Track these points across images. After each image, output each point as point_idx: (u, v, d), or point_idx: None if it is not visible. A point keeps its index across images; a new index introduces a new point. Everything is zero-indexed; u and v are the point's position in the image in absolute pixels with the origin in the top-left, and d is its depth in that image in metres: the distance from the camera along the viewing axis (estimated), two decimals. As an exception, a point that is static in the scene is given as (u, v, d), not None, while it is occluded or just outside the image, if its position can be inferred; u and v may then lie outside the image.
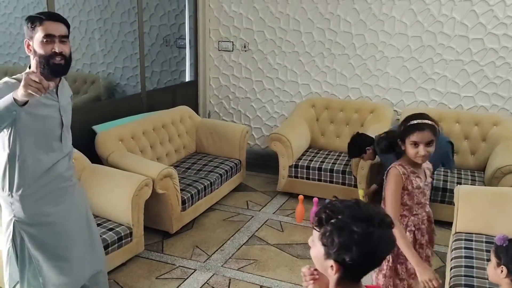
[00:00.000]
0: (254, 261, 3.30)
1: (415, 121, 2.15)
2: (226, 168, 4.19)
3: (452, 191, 3.65)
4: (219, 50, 5.19)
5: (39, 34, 1.90)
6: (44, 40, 1.90)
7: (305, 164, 4.24)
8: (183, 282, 3.03)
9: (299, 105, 4.86)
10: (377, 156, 3.64)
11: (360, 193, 3.78)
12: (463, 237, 2.84)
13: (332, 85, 4.81)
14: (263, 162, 5.06)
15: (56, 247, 2.14)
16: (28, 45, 1.95)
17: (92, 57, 4.99)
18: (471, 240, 2.79)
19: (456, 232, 3.00)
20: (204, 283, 3.02)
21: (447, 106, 4.44)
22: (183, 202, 3.56)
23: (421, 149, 2.11)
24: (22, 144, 1.96)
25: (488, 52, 4.19)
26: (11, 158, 1.98)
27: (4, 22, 5.01)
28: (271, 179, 4.76)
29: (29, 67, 1.98)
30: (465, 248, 2.71)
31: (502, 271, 1.80)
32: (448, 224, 3.62)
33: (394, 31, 4.45)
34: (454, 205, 3.25)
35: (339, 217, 1.18)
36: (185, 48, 5.21)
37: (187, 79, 5.28)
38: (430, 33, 4.33)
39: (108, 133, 3.64)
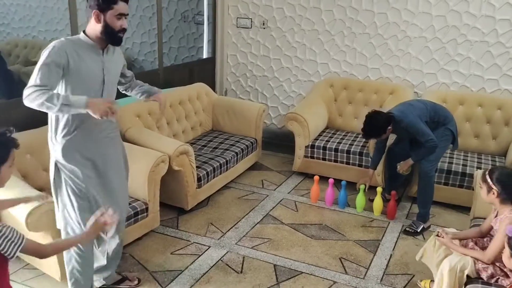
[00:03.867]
0: (268, 240, 3.31)
1: None
2: (242, 147, 4.18)
3: (471, 175, 3.59)
4: (237, 27, 5.12)
5: (114, 11, 2.17)
6: (118, 17, 2.19)
7: (322, 145, 4.21)
8: (197, 258, 3.06)
9: (317, 85, 4.80)
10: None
11: (361, 188, 3.72)
12: (481, 223, 2.79)
13: (351, 64, 4.72)
14: (279, 142, 5.03)
15: (89, 192, 2.30)
16: (98, 16, 2.17)
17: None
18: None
19: (474, 218, 2.96)
20: (218, 260, 3.05)
21: (469, 89, 4.33)
22: (199, 179, 3.57)
23: None
24: (69, 94, 2.18)
25: (515, 34, 4.05)
26: None
27: (24, -5, 5.00)
28: (286, 159, 4.74)
29: (83, 32, 2.23)
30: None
31: None
32: (466, 209, 3.58)
33: (417, 10, 4.32)
34: (473, 190, 3.21)
35: None
36: (203, 24, 5.15)
37: (205, 55, 5.24)
38: (455, 12, 4.20)
39: (125, 109, 3.64)
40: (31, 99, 2.04)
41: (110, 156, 2.40)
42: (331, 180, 3.83)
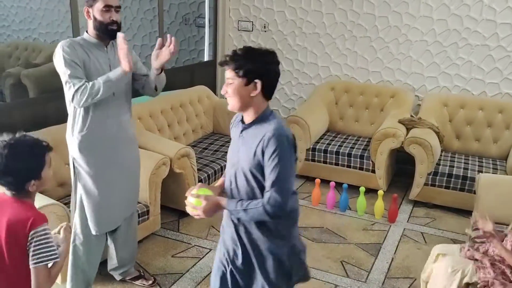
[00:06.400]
0: (269, 243, 3.29)
1: None
2: (243, 150, 4.16)
3: (472, 179, 3.59)
4: (238, 30, 5.12)
5: (99, 4, 2.22)
6: (104, 9, 2.22)
7: (323, 148, 4.20)
8: (198, 261, 3.05)
9: (318, 88, 4.80)
10: None
11: (362, 190, 3.70)
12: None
13: (352, 68, 4.73)
14: (279, 145, 5.02)
15: (99, 189, 2.38)
16: (88, 12, 2.26)
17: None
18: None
19: (475, 222, 2.94)
20: (219, 263, 3.03)
21: (470, 93, 4.33)
22: (200, 182, 3.56)
23: None
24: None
25: (516, 38, 4.06)
26: (75, 108, 2.30)
27: (25, -3, 5.00)
28: (287, 162, 4.73)
29: (86, 32, 2.32)
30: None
31: None
32: (467, 213, 3.57)
33: (418, 13, 4.33)
34: (474, 193, 3.20)
35: None
36: (204, 27, 5.15)
37: (206, 58, 5.24)
38: (456, 16, 4.20)
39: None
40: (78, 100, 2.18)
41: (124, 154, 2.46)
42: (332, 183, 3.82)
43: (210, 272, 2.91)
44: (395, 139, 3.88)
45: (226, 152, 4.00)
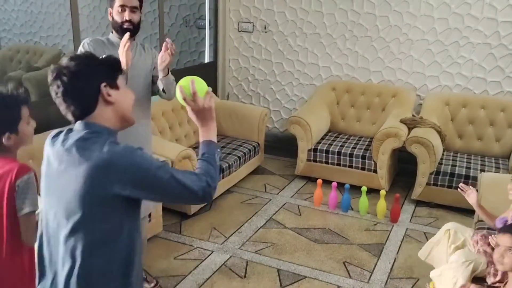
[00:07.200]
0: (272, 244, 3.29)
1: None
2: (244, 151, 4.17)
3: (475, 178, 3.58)
4: (239, 31, 5.12)
5: (116, 4, 2.34)
6: (119, 9, 2.33)
7: (324, 148, 4.20)
8: (200, 263, 3.05)
9: (319, 88, 4.79)
10: None
11: (364, 190, 3.70)
12: (486, 226, 2.77)
13: (353, 68, 4.72)
14: (281, 145, 5.02)
15: None
16: (110, 13, 2.38)
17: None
18: (494, 229, 2.73)
19: (478, 221, 2.93)
20: (222, 265, 3.03)
21: (472, 91, 4.31)
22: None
23: None
24: None
25: (517, 36, 4.04)
26: None
27: (26, 1, 5.02)
28: (289, 163, 4.73)
29: (112, 32, 2.44)
30: (488, 229, 2.65)
31: None
32: (470, 212, 3.56)
33: (419, 12, 4.32)
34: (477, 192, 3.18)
35: None
36: (205, 28, 5.15)
37: (207, 60, 5.24)
38: (457, 15, 4.19)
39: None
40: None
41: None
42: (334, 184, 3.82)
43: (213, 274, 2.92)
44: (397, 138, 3.87)
45: (229, 154, 4.03)
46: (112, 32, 2.44)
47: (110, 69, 1.38)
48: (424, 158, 3.77)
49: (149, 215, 3.00)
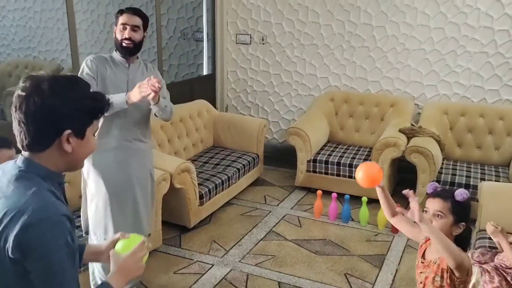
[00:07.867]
0: (272, 256, 3.27)
1: None
2: (243, 163, 4.16)
3: (475, 187, 3.56)
4: (236, 43, 5.14)
5: (119, 22, 2.40)
6: (121, 27, 2.39)
7: (324, 159, 4.19)
8: (200, 277, 3.03)
9: (317, 99, 4.80)
10: None
11: (364, 200, 3.69)
12: (487, 235, 2.75)
13: (351, 78, 4.73)
14: (281, 156, 5.02)
15: (106, 201, 2.41)
16: (115, 31, 2.44)
17: (110, 50, 5.00)
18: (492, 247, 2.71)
19: (479, 230, 2.92)
20: (222, 279, 3.01)
21: (470, 100, 4.32)
22: (201, 197, 3.55)
23: None
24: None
25: (514, 44, 4.05)
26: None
27: (24, 16, 5.05)
28: (289, 174, 4.72)
29: (115, 50, 2.46)
30: (489, 247, 2.63)
31: None
32: (471, 222, 3.54)
33: (416, 22, 4.34)
34: (477, 201, 3.18)
35: None
36: (203, 41, 5.18)
37: (205, 72, 5.25)
38: (454, 24, 4.21)
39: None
40: None
41: (134, 168, 2.48)
42: (334, 195, 3.80)
43: (213, 288, 2.89)
44: (396, 148, 3.87)
45: (228, 166, 4.03)
46: (115, 51, 2.48)
47: (89, 111, 1.19)
48: (424, 168, 3.76)
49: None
